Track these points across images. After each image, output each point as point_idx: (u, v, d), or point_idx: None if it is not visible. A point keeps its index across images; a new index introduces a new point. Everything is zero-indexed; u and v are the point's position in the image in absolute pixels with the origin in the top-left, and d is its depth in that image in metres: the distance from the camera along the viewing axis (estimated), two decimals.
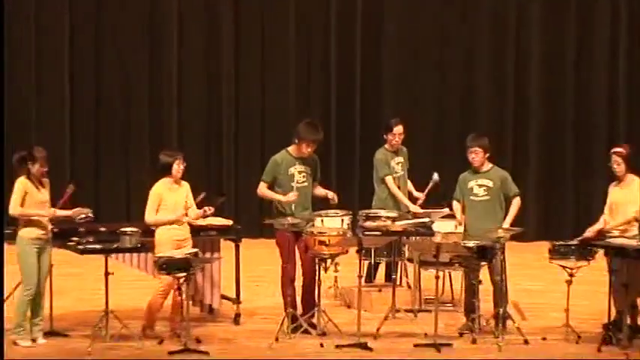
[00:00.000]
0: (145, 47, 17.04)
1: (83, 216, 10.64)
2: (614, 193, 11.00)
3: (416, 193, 12.58)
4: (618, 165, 10.89)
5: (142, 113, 17.16)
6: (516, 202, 11.16)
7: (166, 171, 10.80)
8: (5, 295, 10.90)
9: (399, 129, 12.50)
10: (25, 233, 10.43)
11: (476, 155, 11.16)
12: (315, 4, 16.96)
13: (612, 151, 10.97)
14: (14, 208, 10.34)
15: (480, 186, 11.17)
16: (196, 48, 17.13)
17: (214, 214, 10.99)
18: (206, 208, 10.80)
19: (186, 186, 10.84)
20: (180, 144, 16.61)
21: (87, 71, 17.19)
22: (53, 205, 10.55)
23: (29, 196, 10.38)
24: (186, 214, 10.75)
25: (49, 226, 10.51)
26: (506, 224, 11.06)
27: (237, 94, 16.97)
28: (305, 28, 16.94)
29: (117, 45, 17.07)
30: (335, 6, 16.92)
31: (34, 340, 10.54)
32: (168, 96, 16.99)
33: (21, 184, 10.37)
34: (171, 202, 10.71)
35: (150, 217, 10.68)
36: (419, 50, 17.06)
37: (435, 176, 12.32)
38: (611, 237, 10.78)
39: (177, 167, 10.78)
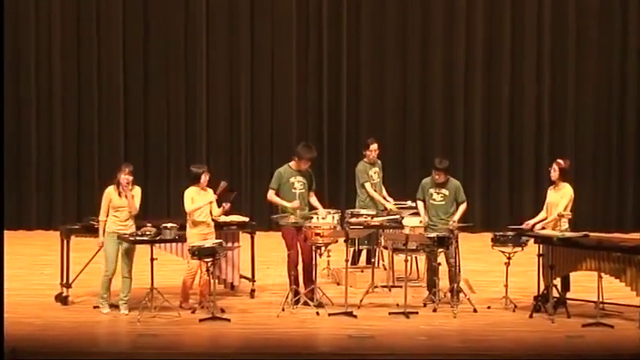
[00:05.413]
0: (181, 87, 16.68)
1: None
2: (549, 194, 10.86)
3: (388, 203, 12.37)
4: (554, 171, 10.76)
5: (179, 134, 16.73)
6: (463, 206, 11.06)
7: (196, 180, 10.65)
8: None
9: (374, 146, 12.39)
10: (108, 226, 10.40)
11: (439, 176, 11.05)
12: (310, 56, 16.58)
13: (556, 160, 10.84)
14: (102, 215, 10.37)
15: (438, 193, 11.04)
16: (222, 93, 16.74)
17: (231, 207, 10.78)
18: (224, 204, 10.64)
19: (210, 191, 10.69)
20: (208, 160, 16.35)
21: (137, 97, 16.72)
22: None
23: (111, 202, 10.32)
24: (211, 210, 10.65)
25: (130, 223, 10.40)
26: (455, 219, 10.93)
27: (253, 120, 16.69)
28: (303, 72, 16.63)
29: (160, 88, 16.67)
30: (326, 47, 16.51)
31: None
32: (199, 123, 16.70)
33: (108, 192, 10.35)
34: (200, 202, 10.60)
35: (189, 207, 10.53)
36: (386, 87, 16.66)
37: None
38: (540, 229, 10.65)
39: (204, 177, 10.63)
